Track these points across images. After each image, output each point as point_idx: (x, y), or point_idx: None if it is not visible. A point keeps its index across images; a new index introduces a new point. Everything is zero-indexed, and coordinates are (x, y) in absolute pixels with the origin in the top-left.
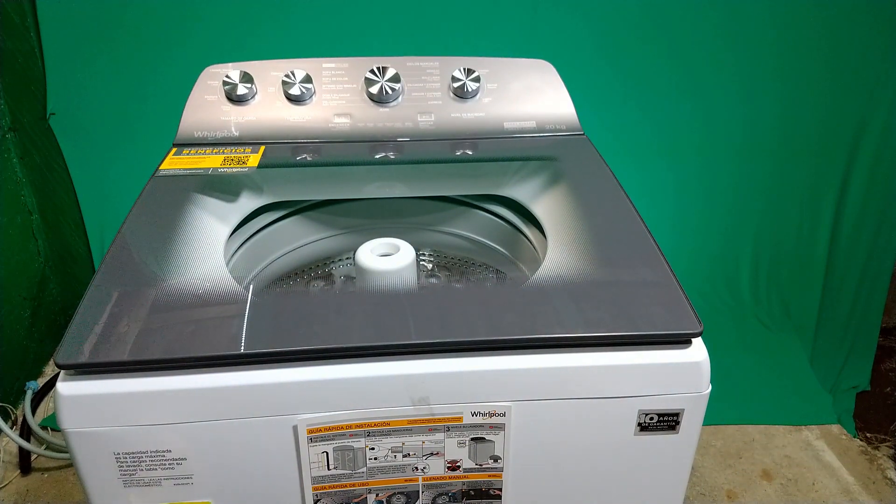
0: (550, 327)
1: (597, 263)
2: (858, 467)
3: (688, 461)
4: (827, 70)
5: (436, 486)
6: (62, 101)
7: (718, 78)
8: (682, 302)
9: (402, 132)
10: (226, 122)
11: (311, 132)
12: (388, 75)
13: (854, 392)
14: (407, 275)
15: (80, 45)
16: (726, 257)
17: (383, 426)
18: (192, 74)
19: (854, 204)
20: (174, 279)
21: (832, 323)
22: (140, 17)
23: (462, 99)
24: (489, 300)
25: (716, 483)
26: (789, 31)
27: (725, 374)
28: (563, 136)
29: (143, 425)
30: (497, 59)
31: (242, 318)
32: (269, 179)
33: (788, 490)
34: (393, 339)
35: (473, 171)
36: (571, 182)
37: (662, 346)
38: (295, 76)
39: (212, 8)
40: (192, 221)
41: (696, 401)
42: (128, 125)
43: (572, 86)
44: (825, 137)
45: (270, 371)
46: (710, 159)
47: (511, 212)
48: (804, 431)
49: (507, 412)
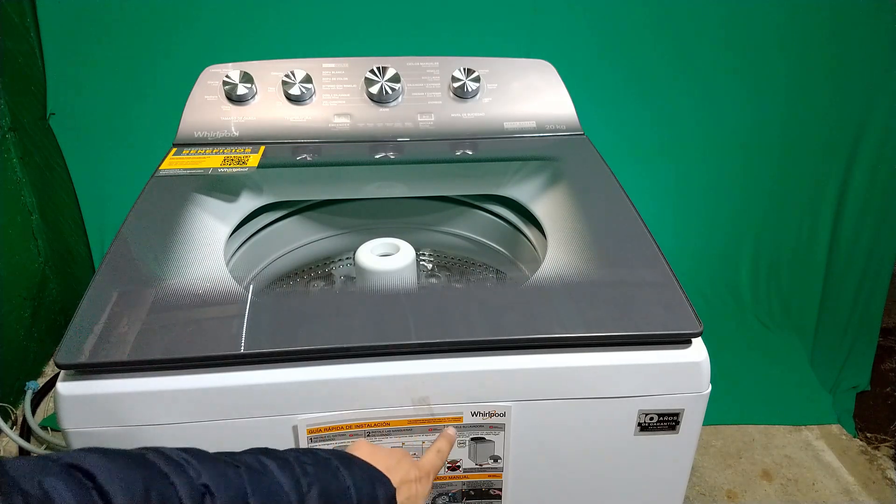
0: (550, 327)
1: (597, 263)
2: (858, 467)
3: (688, 461)
4: (828, 71)
5: (436, 486)
6: (62, 101)
7: (718, 78)
8: (683, 302)
9: (402, 132)
10: (226, 122)
11: (311, 132)
12: (388, 75)
13: (854, 392)
14: (407, 275)
15: (80, 45)
16: (727, 257)
17: (383, 426)
18: (192, 74)
19: (854, 204)
20: (174, 279)
21: (832, 323)
22: (140, 17)
23: (462, 99)
24: (489, 300)
25: (716, 483)
26: (790, 32)
27: (725, 374)
28: (563, 136)
29: (144, 425)
30: (497, 59)
31: (242, 318)
32: (269, 179)
33: (788, 490)
34: (393, 339)
35: (473, 171)
36: (571, 182)
37: (662, 346)
38: (295, 76)
39: (211, 8)
40: (192, 221)
41: (696, 401)
42: (128, 125)
43: (572, 86)
44: (826, 138)
45: (270, 371)
46: (709, 159)
47: (511, 212)
48: (804, 431)
49: (507, 412)
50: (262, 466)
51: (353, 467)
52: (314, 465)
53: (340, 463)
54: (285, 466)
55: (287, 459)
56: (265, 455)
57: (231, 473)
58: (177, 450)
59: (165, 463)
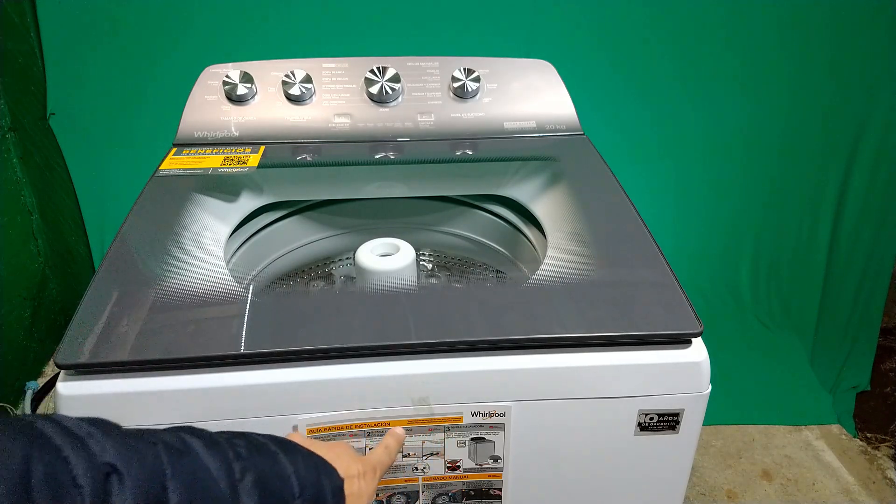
0: (550, 327)
1: (597, 263)
2: (858, 467)
3: (688, 461)
4: (827, 71)
5: (436, 486)
6: (62, 101)
7: (718, 78)
8: (683, 302)
9: (402, 132)
10: (226, 122)
11: (311, 132)
12: (388, 75)
13: (854, 392)
14: (407, 275)
15: (80, 45)
16: (727, 257)
17: (383, 426)
18: (192, 74)
19: (854, 204)
20: (174, 279)
21: (832, 323)
22: (140, 17)
23: (462, 99)
24: (489, 300)
25: (716, 483)
26: (790, 32)
27: (725, 374)
28: (563, 136)
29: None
30: (497, 59)
31: (242, 318)
32: (269, 179)
33: (788, 490)
34: (393, 339)
35: (473, 171)
36: (571, 182)
37: (662, 346)
38: (295, 76)
39: (212, 8)
40: (192, 221)
41: (696, 401)
42: (128, 125)
43: (572, 86)
44: (826, 137)
45: (270, 371)
46: (710, 159)
47: (511, 212)
48: (804, 431)
49: (507, 412)
50: (186, 446)
51: (294, 454)
52: (248, 448)
53: (280, 448)
54: (213, 447)
55: (216, 440)
56: (190, 434)
57: (146, 451)
58: (81, 420)
59: (61, 435)
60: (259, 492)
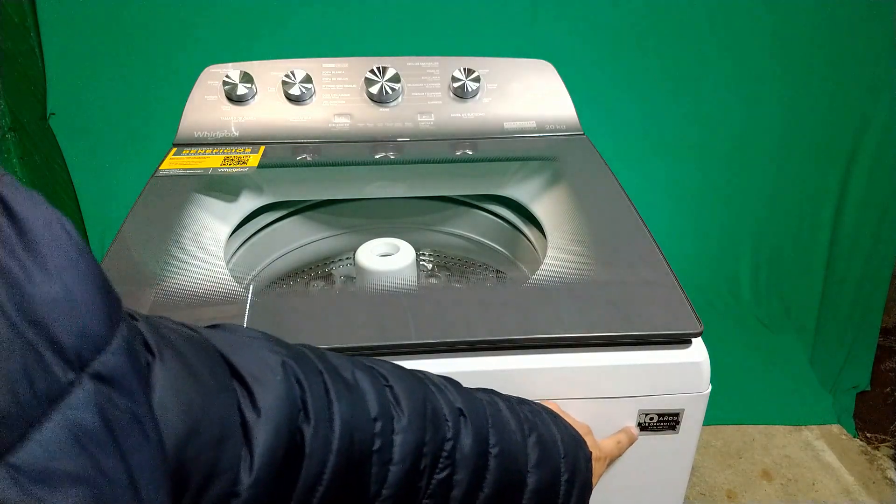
0: (550, 327)
1: (597, 263)
2: (858, 467)
3: (688, 461)
4: (827, 70)
5: None
6: (62, 101)
7: (719, 78)
8: (683, 302)
9: (402, 132)
10: (226, 122)
11: (311, 132)
12: (388, 75)
13: (854, 392)
14: (407, 275)
15: (80, 45)
16: (726, 257)
17: None
18: (191, 74)
19: (854, 204)
20: (174, 279)
21: (832, 323)
22: (140, 17)
23: (462, 99)
24: (489, 300)
25: (716, 483)
26: (789, 32)
27: (725, 374)
28: (563, 135)
29: None
30: (497, 59)
31: (242, 318)
32: (269, 179)
33: (788, 490)
34: (393, 340)
35: (473, 171)
36: (571, 182)
37: (662, 346)
38: (295, 76)
39: (212, 8)
40: (192, 221)
41: (696, 401)
42: (128, 125)
43: (572, 86)
44: (825, 137)
45: None
46: (710, 159)
47: (511, 212)
48: (804, 431)
49: None
50: (495, 405)
51: (559, 423)
52: (531, 413)
53: (549, 417)
54: (512, 409)
55: (512, 403)
56: (495, 395)
57: (476, 403)
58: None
59: (432, 383)
60: (539, 449)
